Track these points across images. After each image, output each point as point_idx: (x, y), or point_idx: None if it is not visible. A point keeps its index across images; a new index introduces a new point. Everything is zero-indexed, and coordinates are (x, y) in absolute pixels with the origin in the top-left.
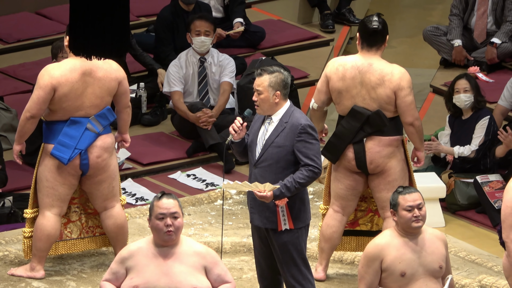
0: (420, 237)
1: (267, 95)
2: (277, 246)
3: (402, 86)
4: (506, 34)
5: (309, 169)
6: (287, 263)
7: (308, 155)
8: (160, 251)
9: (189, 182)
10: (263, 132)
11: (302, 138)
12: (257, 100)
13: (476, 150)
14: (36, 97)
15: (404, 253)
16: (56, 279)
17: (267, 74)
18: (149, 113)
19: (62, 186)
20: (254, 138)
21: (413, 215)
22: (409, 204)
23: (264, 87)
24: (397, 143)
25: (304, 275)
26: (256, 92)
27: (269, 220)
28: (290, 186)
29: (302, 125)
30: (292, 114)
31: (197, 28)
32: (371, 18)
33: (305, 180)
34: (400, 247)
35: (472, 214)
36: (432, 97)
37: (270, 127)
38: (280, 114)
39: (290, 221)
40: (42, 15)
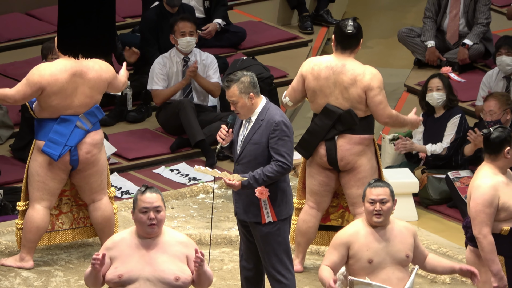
0: (389, 227)
1: (243, 102)
2: (259, 237)
3: (372, 86)
4: (478, 36)
5: (279, 164)
6: (268, 253)
7: (280, 151)
8: (143, 242)
9: (172, 177)
10: (243, 131)
11: (275, 134)
12: (236, 109)
13: (447, 147)
14: (22, 92)
15: (372, 241)
16: (45, 269)
17: (234, 84)
18: (134, 111)
19: (52, 181)
20: (235, 137)
21: (374, 208)
22: (372, 197)
23: (236, 96)
24: (367, 142)
25: (285, 265)
26: (232, 103)
27: (254, 214)
28: (258, 178)
29: (276, 122)
30: (268, 111)
31: (182, 29)
32: (347, 22)
33: (274, 174)
34: (368, 235)
35: (444, 208)
36: (406, 96)
37: (249, 126)
38: (257, 113)
39: (273, 214)
40: (31, 15)
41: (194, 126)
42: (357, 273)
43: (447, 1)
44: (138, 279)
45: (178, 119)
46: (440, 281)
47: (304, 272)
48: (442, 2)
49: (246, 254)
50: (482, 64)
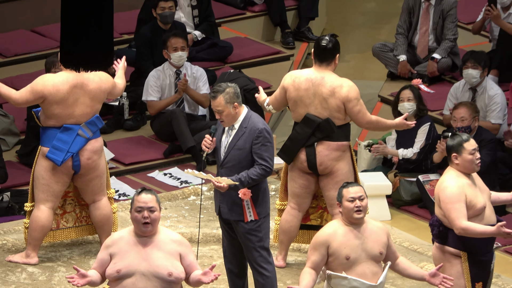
0: (363, 226)
1: (228, 111)
2: (242, 234)
3: (350, 98)
4: (445, 51)
5: (262, 167)
6: (250, 248)
7: (263, 156)
8: (139, 240)
9: (165, 180)
10: (226, 137)
11: (259, 141)
12: (221, 118)
13: (417, 152)
14: (25, 97)
15: (349, 239)
16: (48, 265)
17: (220, 94)
18: (130, 119)
19: (56, 184)
20: (218, 143)
21: (355, 205)
22: (351, 195)
23: (222, 106)
24: (344, 148)
25: (265, 259)
26: (217, 112)
27: (237, 213)
28: (244, 180)
29: (260, 129)
30: (251, 119)
31: (174, 45)
32: (324, 37)
33: (258, 177)
34: (345, 234)
35: (415, 209)
36: (380, 106)
37: (232, 133)
38: (240, 120)
39: (254, 213)
40: (36, 32)
41: (186, 134)
42: (335, 269)
43: (418, 19)
44: (135, 273)
45: (170, 127)
46: None
47: (287, 267)
48: (413, 19)
49: (229, 249)
50: (449, 76)
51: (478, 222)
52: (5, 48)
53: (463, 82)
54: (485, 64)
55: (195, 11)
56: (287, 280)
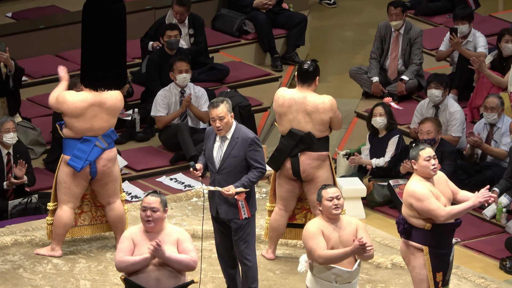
0: (339, 222)
1: (228, 119)
2: (234, 229)
3: (334, 110)
4: (412, 73)
5: (258, 170)
6: (239, 241)
7: (257, 160)
8: (149, 235)
9: (171, 184)
10: (219, 147)
11: (252, 148)
12: (221, 125)
13: (388, 161)
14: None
15: (331, 233)
16: (71, 257)
17: (221, 103)
18: (141, 132)
19: (76, 187)
20: (210, 152)
21: (333, 203)
22: (330, 195)
23: (225, 113)
24: (324, 157)
25: (250, 250)
26: (219, 120)
27: (233, 212)
28: (246, 184)
29: (251, 138)
30: (241, 130)
31: (179, 68)
32: (306, 62)
33: (256, 178)
34: (327, 228)
35: (386, 209)
36: (356, 121)
37: (226, 143)
38: (231, 131)
39: (248, 211)
40: (60, 57)
41: (189, 144)
42: None
43: (389, 46)
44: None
45: (176, 138)
46: (383, 267)
47: (276, 259)
48: (384, 46)
49: (221, 245)
50: (416, 95)
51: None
52: (33, 71)
53: (427, 100)
54: (447, 84)
55: (191, 38)
56: (276, 270)
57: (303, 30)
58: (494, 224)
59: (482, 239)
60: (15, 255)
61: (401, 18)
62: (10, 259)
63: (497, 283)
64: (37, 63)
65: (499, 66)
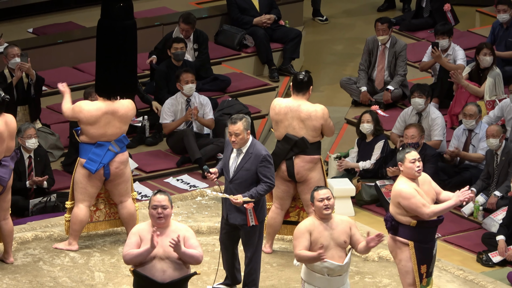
0: (331, 220)
1: (243, 136)
2: (243, 234)
3: (325, 118)
4: (397, 83)
5: (267, 184)
6: (248, 244)
7: (267, 175)
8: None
9: (178, 185)
10: (234, 159)
11: (263, 164)
12: (236, 140)
13: (374, 163)
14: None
15: (322, 230)
16: (86, 251)
17: (240, 121)
18: (150, 137)
19: (91, 188)
20: (226, 162)
21: (323, 204)
22: (321, 196)
23: (240, 130)
24: (316, 160)
25: (257, 252)
26: (234, 135)
27: (242, 219)
28: (254, 196)
29: (263, 155)
30: (255, 146)
31: (185, 79)
32: (300, 73)
33: (264, 192)
34: (319, 226)
35: (373, 207)
36: (346, 127)
37: (240, 156)
38: (246, 146)
39: (255, 219)
40: (77, 68)
41: (194, 148)
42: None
43: (376, 59)
44: (154, 257)
45: (182, 143)
46: (370, 260)
47: (273, 253)
48: (372, 59)
49: (226, 240)
50: (400, 103)
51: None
52: (52, 81)
53: (411, 108)
54: (428, 94)
55: (196, 52)
56: (273, 263)
57: (298, 44)
58: (472, 221)
59: (460, 235)
60: (36, 249)
61: (387, 33)
62: (31, 253)
63: (474, 275)
64: (56, 74)
65: (477, 77)
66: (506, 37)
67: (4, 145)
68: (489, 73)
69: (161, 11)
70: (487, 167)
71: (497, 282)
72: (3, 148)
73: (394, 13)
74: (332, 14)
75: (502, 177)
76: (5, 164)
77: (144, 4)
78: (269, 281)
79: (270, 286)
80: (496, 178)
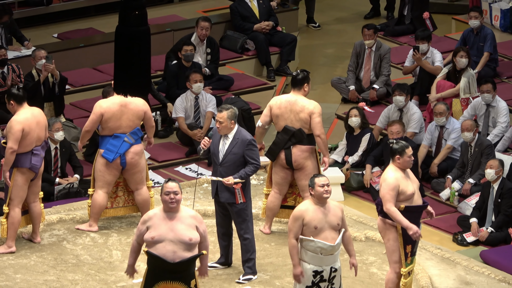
0: (326, 205)
1: (226, 124)
2: (234, 212)
3: (313, 112)
4: (382, 83)
5: (254, 165)
6: (239, 222)
7: (253, 157)
8: (168, 215)
9: (186, 173)
10: (223, 145)
11: (249, 148)
12: (219, 127)
13: (360, 155)
14: (91, 119)
15: (317, 214)
16: (105, 232)
17: (225, 111)
18: (162, 130)
19: (109, 175)
20: (216, 148)
21: (324, 189)
22: (322, 182)
23: (224, 119)
24: (311, 150)
25: (249, 230)
26: (219, 122)
27: (232, 197)
28: (243, 176)
29: (249, 140)
30: (241, 133)
31: (194, 78)
32: (297, 71)
33: (251, 172)
34: (314, 210)
35: (361, 193)
36: (336, 121)
37: (228, 142)
38: (233, 133)
39: (243, 197)
40: (96, 69)
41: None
42: (306, 235)
43: (363, 61)
44: (165, 239)
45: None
46: (358, 240)
47: (271, 234)
48: (359, 61)
49: (221, 222)
50: (385, 100)
51: (409, 204)
52: (74, 81)
53: (393, 105)
54: (408, 92)
55: (208, 56)
56: (271, 243)
57: (293, 48)
58: (448, 205)
59: (438, 217)
60: (60, 230)
61: (373, 38)
62: (56, 233)
63: (450, 253)
64: (78, 75)
65: (453, 77)
66: (477, 42)
67: (34, 135)
68: (464, 73)
69: (172, 18)
70: (462, 157)
71: (470, 259)
72: (34, 138)
73: (379, 20)
74: (324, 21)
75: (476, 166)
76: (37, 153)
77: (156, 12)
78: (268, 259)
79: (268, 263)
80: (470, 167)
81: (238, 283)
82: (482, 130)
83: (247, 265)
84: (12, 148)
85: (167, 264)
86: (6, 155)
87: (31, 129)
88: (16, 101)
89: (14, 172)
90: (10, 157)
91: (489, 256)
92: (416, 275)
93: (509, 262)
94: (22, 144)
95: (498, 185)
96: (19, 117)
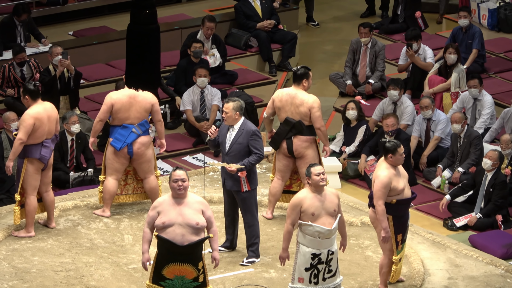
0: (323, 193)
1: (231, 114)
2: (240, 200)
3: (313, 106)
4: (377, 78)
5: (257, 155)
6: (245, 210)
7: (257, 147)
8: (176, 201)
9: (194, 162)
10: (229, 135)
11: (253, 138)
12: (225, 116)
13: (357, 145)
14: (102, 109)
15: (314, 201)
16: (117, 217)
17: (232, 102)
18: (171, 122)
19: (117, 163)
20: (223, 139)
21: (320, 178)
22: (317, 171)
23: (229, 110)
24: (311, 140)
25: (254, 216)
26: (224, 112)
27: (237, 185)
28: (246, 165)
29: (253, 130)
30: (246, 124)
31: (200, 73)
32: (298, 67)
33: (255, 161)
34: (312, 198)
35: (357, 181)
36: (334, 114)
37: (234, 132)
38: (239, 124)
39: (248, 185)
40: (109, 65)
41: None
42: (304, 220)
43: (359, 57)
44: (174, 224)
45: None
46: (354, 225)
47: (273, 218)
48: (356, 57)
49: (228, 209)
50: (380, 94)
51: (400, 198)
52: (88, 75)
53: (388, 99)
54: (401, 86)
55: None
56: (273, 227)
57: (294, 45)
58: (439, 192)
59: (430, 204)
60: (75, 216)
61: (369, 35)
62: (71, 219)
63: (441, 237)
64: (92, 70)
65: (444, 72)
66: (466, 39)
67: (45, 128)
68: (454, 69)
69: (180, 17)
70: (452, 147)
71: (460, 243)
72: (45, 131)
73: (374, 19)
74: (323, 20)
75: (465, 156)
76: (47, 145)
77: (165, 12)
78: (270, 242)
79: (270, 246)
80: (460, 156)
81: (242, 265)
82: (470, 122)
83: (251, 249)
84: (21, 139)
85: (176, 247)
86: (15, 144)
87: (42, 122)
88: (31, 96)
89: (25, 162)
90: (18, 147)
91: (477, 241)
92: (409, 258)
93: (496, 246)
94: (33, 136)
95: (492, 175)
96: (32, 111)
